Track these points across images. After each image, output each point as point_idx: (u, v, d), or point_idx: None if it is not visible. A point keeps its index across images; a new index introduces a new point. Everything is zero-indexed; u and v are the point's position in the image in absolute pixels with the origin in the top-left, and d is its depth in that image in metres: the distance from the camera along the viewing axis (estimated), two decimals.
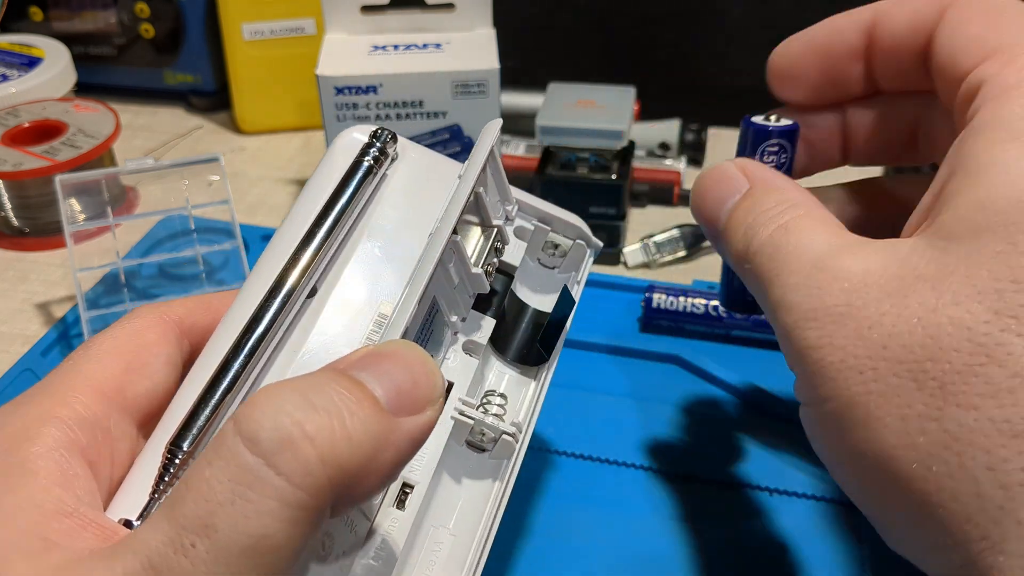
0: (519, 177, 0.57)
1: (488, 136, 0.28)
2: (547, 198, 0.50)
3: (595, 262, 0.51)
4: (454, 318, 0.28)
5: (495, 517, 0.26)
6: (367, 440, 0.18)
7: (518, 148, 0.59)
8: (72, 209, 0.53)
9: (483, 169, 0.27)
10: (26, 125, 0.54)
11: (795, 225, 0.24)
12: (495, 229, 0.28)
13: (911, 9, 0.27)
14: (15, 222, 0.54)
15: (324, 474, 0.18)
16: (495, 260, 0.29)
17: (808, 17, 0.62)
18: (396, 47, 0.50)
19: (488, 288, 0.28)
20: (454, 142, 0.50)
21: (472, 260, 0.27)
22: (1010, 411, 0.19)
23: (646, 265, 0.51)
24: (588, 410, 0.40)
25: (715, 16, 0.62)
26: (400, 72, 0.48)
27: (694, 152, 0.60)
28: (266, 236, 0.51)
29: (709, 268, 0.51)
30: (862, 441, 0.21)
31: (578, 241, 0.32)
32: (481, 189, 0.27)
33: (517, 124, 0.60)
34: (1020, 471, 0.19)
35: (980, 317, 0.20)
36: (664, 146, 0.60)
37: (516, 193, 0.30)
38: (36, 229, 0.54)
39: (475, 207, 0.28)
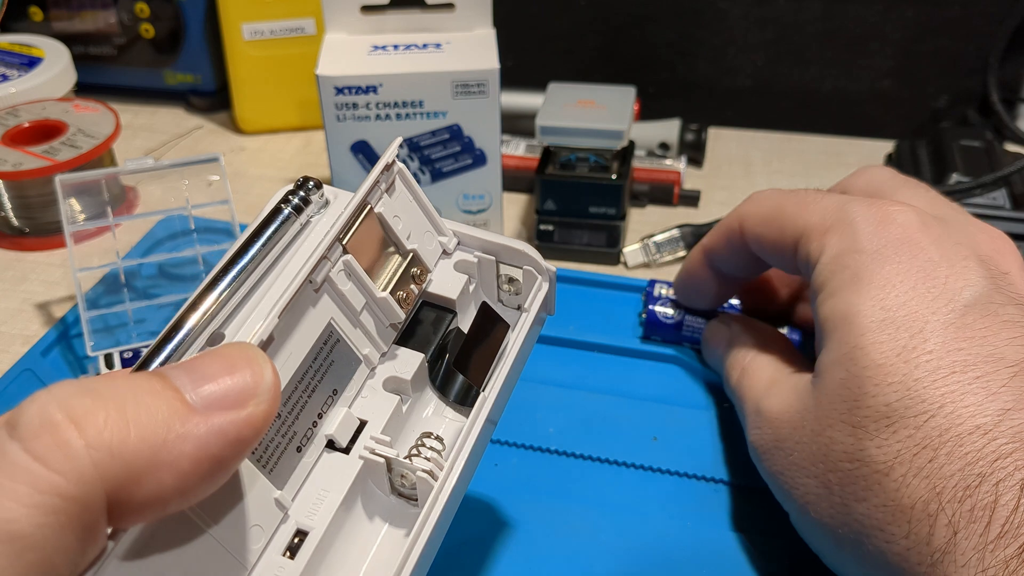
0: (519, 177, 0.57)
1: (385, 154, 0.26)
2: (547, 198, 0.51)
3: (595, 262, 0.51)
4: (367, 350, 0.26)
5: (406, 572, 0.22)
6: (152, 428, 0.17)
7: (518, 148, 0.59)
8: (72, 209, 0.53)
9: (382, 188, 0.26)
10: (26, 125, 0.54)
11: (749, 368, 0.34)
12: (410, 255, 0.27)
13: (725, 234, 0.36)
14: (15, 222, 0.54)
15: (89, 459, 0.16)
16: (413, 288, 0.27)
17: (806, 18, 0.63)
18: (396, 47, 0.50)
19: (401, 315, 0.26)
20: (454, 142, 0.50)
21: (381, 285, 0.26)
22: (884, 497, 0.24)
23: (646, 265, 0.51)
24: (588, 410, 0.40)
25: (715, 16, 0.62)
26: (400, 72, 0.48)
27: (694, 152, 0.60)
28: None
29: None
30: (805, 528, 0.30)
31: (526, 268, 0.29)
32: (383, 210, 0.26)
33: (517, 124, 0.60)
34: (904, 539, 0.24)
35: (845, 433, 0.26)
36: (664, 146, 0.60)
37: (456, 226, 0.29)
38: (36, 229, 0.54)
39: (383, 233, 0.26)
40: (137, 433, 0.17)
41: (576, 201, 0.50)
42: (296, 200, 0.25)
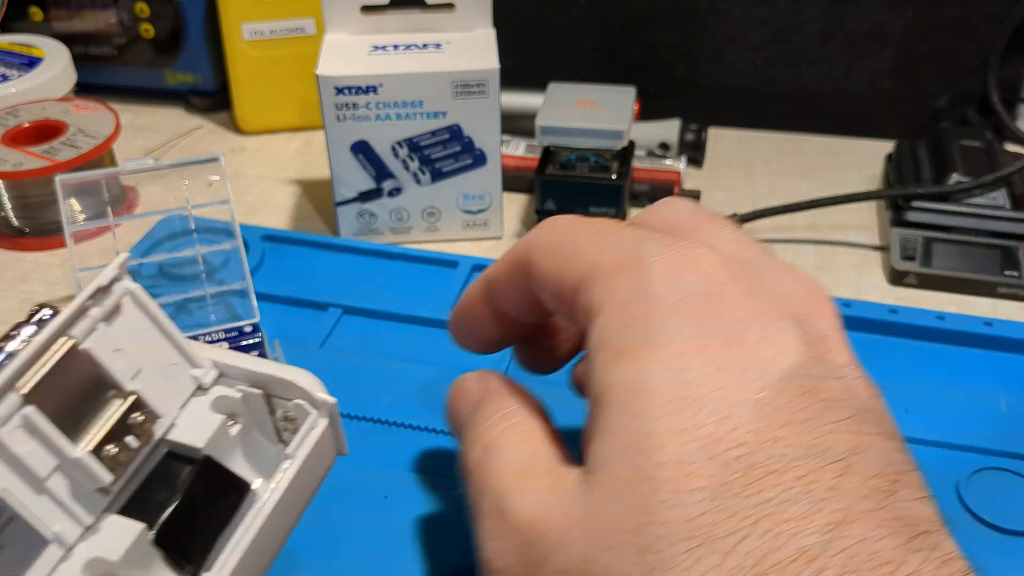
0: (519, 177, 0.57)
1: (103, 274, 0.21)
2: (547, 198, 0.51)
3: None
4: (59, 526, 0.20)
5: None
6: None
7: (518, 148, 0.59)
8: (72, 209, 0.53)
9: (95, 317, 0.21)
10: (26, 125, 0.54)
11: (496, 446, 0.24)
12: (131, 398, 0.22)
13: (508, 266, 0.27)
14: (15, 222, 0.54)
15: None
16: (131, 440, 0.22)
17: (806, 18, 0.63)
18: (396, 47, 0.50)
19: (105, 479, 0.21)
20: (454, 142, 0.50)
21: (85, 441, 0.21)
22: None
23: None
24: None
25: (715, 16, 0.62)
26: (400, 72, 0.48)
27: (694, 152, 0.60)
28: (266, 236, 0.51)
29: None
30: None
31: (297, 402, 0.24)
32: (93, 345, 0.21)
33: (517, 124, 0.60)
34: None
35: (629, 560, 0.18)
36: (664, 146, 0.60)
37: (217, 353, 0.24)
38: (36, 229, 0.54)
39: (97, 372, 0.21)
40: None
41: (576, 201, 0.50)
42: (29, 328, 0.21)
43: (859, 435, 0.19)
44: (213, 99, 0.68)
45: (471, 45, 0.50)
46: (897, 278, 0.49)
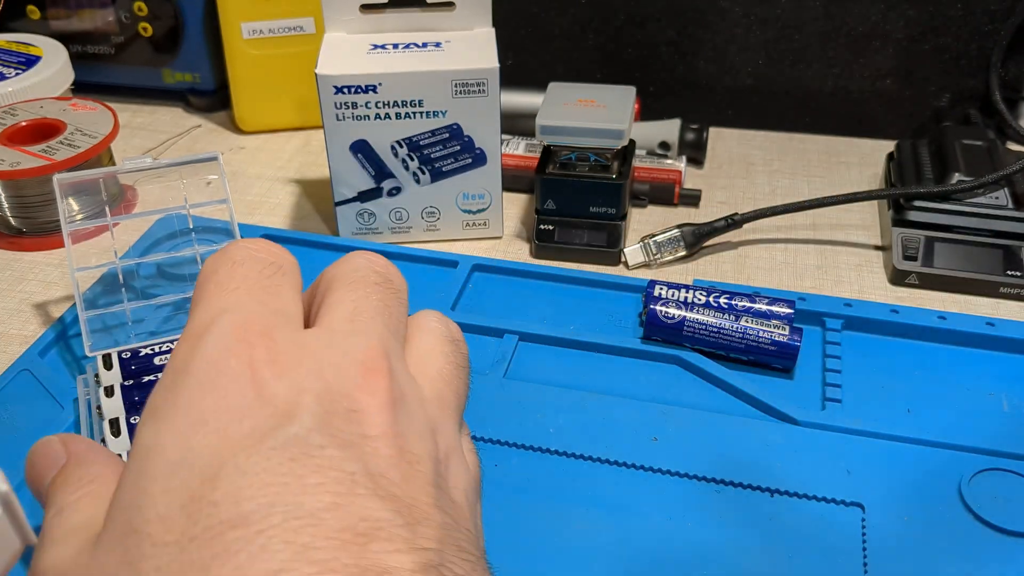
0: (519, 177, 0.57)
1: None
2: (547, 197, 0.50)
3: (595, 262, 0.51)
4: None
5: None
6: None
7: (518, 147, 0.59)
8: (70, 208, 0.52)
9: None
10: (23, 124, 0.54)
11: (62, 512, 0.24)
12: None
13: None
14: (12, 221, 0.54)
15: None
16: None
17: (807, 16, 0.62)
18: (396, 46, 0.50)
19: None
20: (454, 141, 0.50)
21: None
22: None
23: (646, 265, 0.51)
24: (588, 410, 0.40)
25: (716, 15, 0.62)
26: (400, 71, 0.47)
27: (695, 152, 0.60)
28: (265, 235, 0.51)
29: (709, 268, 0.51)
30: None
31: None
32: None
33: (517, 124, 0.60)
34: None
35: None
36: (664, 145, 0.59)
37: None
38: (33, 228, 0.54)
39: None
40: None
41: (576, 200, 0.50)
42: None
43: (339, 495, 0.20)
44: (212, 98, 0.68)
45: (471, 44, 0.50)
46: (899, 278, 0.49)
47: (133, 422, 0.37)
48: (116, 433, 0.37)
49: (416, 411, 0.23)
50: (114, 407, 0.38)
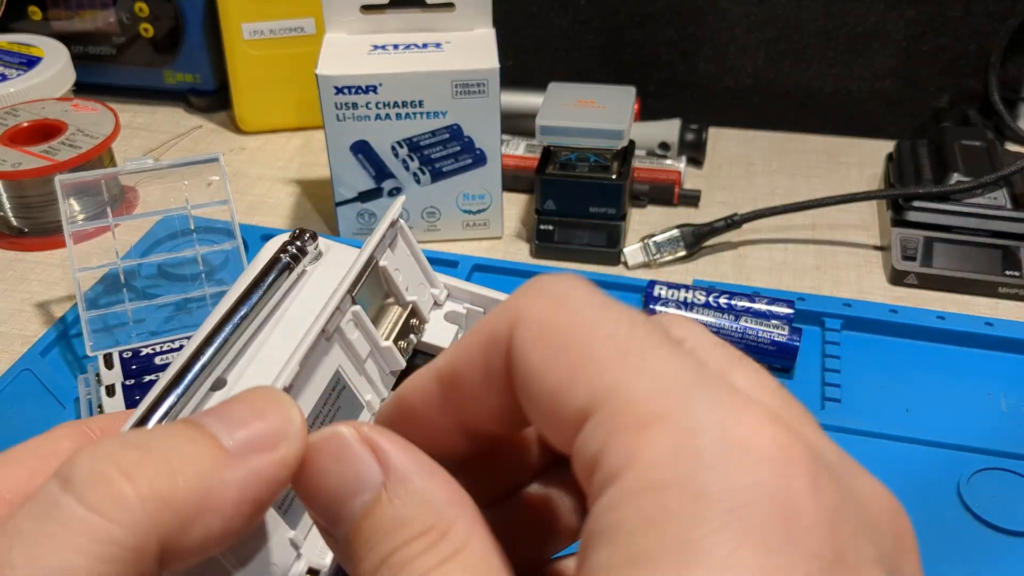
0: (519, 177, 0.57)
1: (391, 211, 0.27)
2: (547, 198, 0.51)
3: (595, 262, 0.51)
4: (368, 396, 0.27)
5: None
6: (198, 476, 0.17)
7: (518, 148, 0.59)
8: (72, 209, 0.53)
9: (387, 243, 0.27)
10: (25, 125, 0.54)
11: None
12: (409, 306, 0.28)
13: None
14: (14, 222, 0.54)
15: (143, 509, 0.16)
16: (412, 337, 0.28)
17: (807, 17, 0.62)
18: (396, 47, 0.50)
19: (403, 363, 0.27)
20: (454, 142, 0.50)
21: (383, 334, 0.27)
22: None
23: (646, 265, 0.51)
24: None
25: (716, 16, 0.62)
26: (400, 72, 0.47)
27: (694, 152, 0.60)
28: (266, 236, 0.51)
29: (709, 268, 0.51)
30: None
31: None
32: (386, 264, 0.27)
33: (517, 124, 0.60)
34: None
35: None
36: (664, 146, 0.60)
37: (448, 279, 0.30)
38: (35, 229, 0.54)
39: (385, 285, 0.28)
40: (185, 482, 0.17)
41: (576, 201, 0.50)
42: (293, 250, 0.26)
43: None
44: (213, 99, 0.68)
45: (471, 45, 0.50)
46: (898, 278, 0.49)
47: None
48: None
49: None
50: (115, 406, 0.38)
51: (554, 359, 0.16)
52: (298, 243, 0.27)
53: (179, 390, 0.22)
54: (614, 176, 0.49)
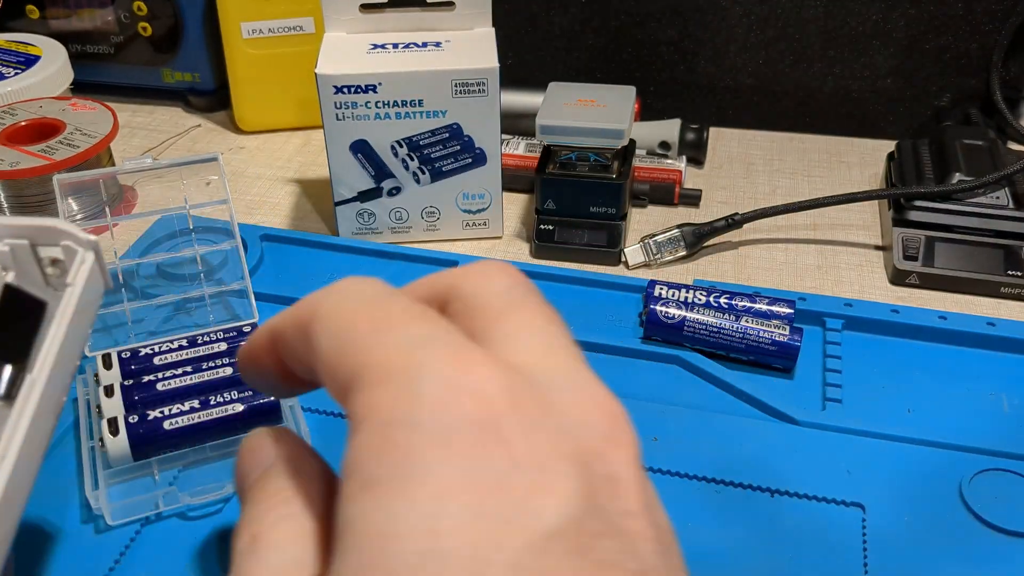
0: (519, 176, 0.57)
1: None
2: (547, 197, 0.50)
3: (595, 262, 0.51)
4: None
5: None
6: None
7: (518, 147, 0.58)
8: (70, 208, 0.52)
9: None
10: (23, 124, 0.54)
11: (263, 542, 0.20)
12: None
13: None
14: None
15: None
16: None
17: (807, 16, 0.62)
18: (395, 46, 0.49)
19: None
20: (454, 141, 0.50)
21: None
22: None
23: (646, 265, 0.51)
24: None
25: (716, 15, 0.62)
26: (399, 71, 0.47)
27: (695, 151, 0.60)
28: (265, 235, 0.51)
29: (709, 268, 0.51)
30: None
31: (64, 244, 0.29)
32: None
33: (517, 124, 0.60)
34: None
35: None
36: (665, 145, 0.59)
37: None
38: None
39: None
40: None
41: (576, 200, 0.50)
42: None
43: None
44: (212, 98, 0.68)
45: (471, 44, 0.50)
46: (899, 278, 0.49)
47: (132, 421, 0.37)
48: (114, 432, 0.37)
49: (640, 459, 0.20)
50: (113, 406, 0.38)
51: (331, 343, 0.20)
52: None
53: None
54: (614, 176, 0.49)
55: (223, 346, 0.41)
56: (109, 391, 0.39)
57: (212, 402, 0.38)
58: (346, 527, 0.17)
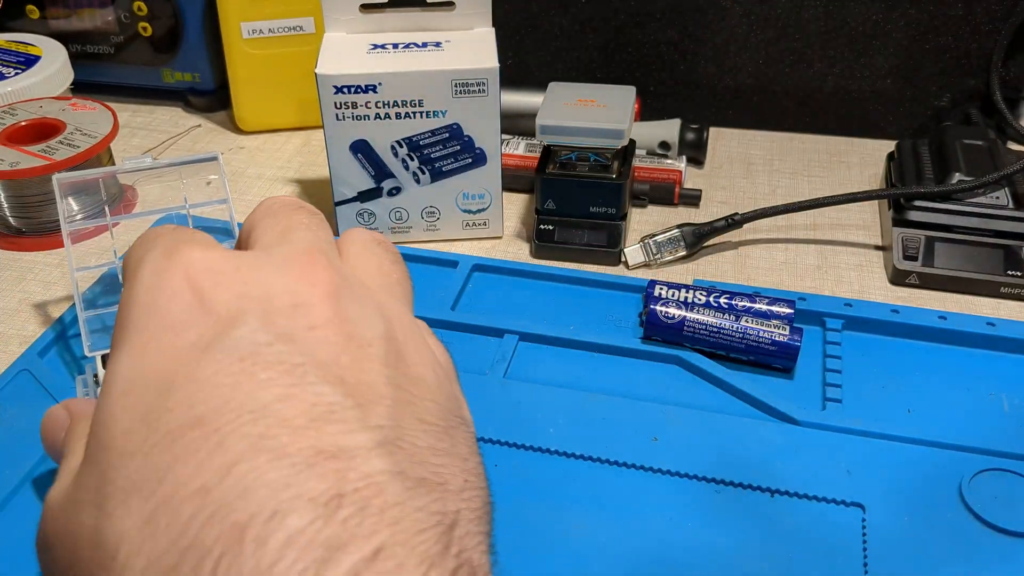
0: (519, 176, 0.57)
1: None
2: (547, 197, 0.50)
3: (595, 262, 0.51)
4: None
5: None
6: None
7: (518, 147, 0.58)
8: (70, 208, 0.52)
9: None
10: (23, 124, 0.54)
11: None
12: None
13: None
14: (12, 221, 0.54)
15: None
16: None
17: (807, 16, 0.62)
18: (395, 46, 0.49)
19: None
20: (454, 141, 0.50)
21: None
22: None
23: (646, 265, 0.51)
24: (588, 410, 0.40)
25: (716, 15, 0.62)
26: (399, 71, 0.47)
27: (695, 152, 0.60)
28: None
29: (709, 268, 0.51)
30: None
31: None
32: None
33: (517, 124, 0.60)
34: None
35: (91, 516, 0.22)
36: (665, 145, 0.59)
37: None
38: (33, 228, 0.54)
39: None
40: None
41: (576, 200, 0.50)
42: None
43: (289, 387, 0.21)
44: (212, 98, 0.68)
45: (471, 44, 0.50)
46: (899, 278, 0.49)
47: None
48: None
49: (361, 296, 0.24)
50: None
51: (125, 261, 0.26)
52: None
53: None
54: (614, 176, 0.49)
55: None
56: (106, 361, 0.39)
57: None
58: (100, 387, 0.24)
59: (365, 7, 0.50)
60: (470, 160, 0.50)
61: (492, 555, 0.22)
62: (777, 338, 0.42)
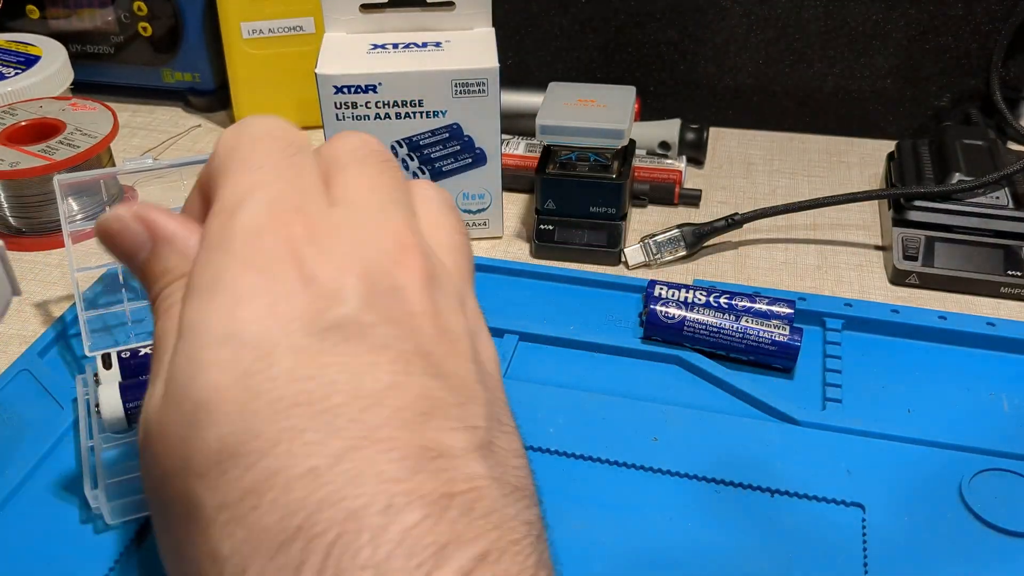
0: (519, 176, 0.57)
1: None
2: (547, 197, 0.50)
3: (595, 262, 0.51)
4: None
5: None
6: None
7: (518, 147, 0.58)
8: (70, 208, 0.52)
9: None
10: (23, 124, 0.54)
11: (172, 312, 0.24)
12: None
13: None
14: (12, 221, 0.54)
15: None
16: None
17: (807, 16, 0.62)
18: (395, 46, 0.49)
19: None
20: (454, 141, 0.50)
21: None
22: (207, 548, 0.20)
23: (646, 265, 0.51)
24: (588, 410, 0.40)
25: (716, 15, 0.62)
26: (399, 71, 0.47)
27: (695, 151, 0.60)
28: None
29: (709, 268, 0.51)
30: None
31: None
32: None
33: (517, 124, 0.60)
34: None
35: (177, 465, 0.21)
36: (665, 145, 0.59)
37: None
38: (33, 228, 0.54)
39: None
40: None
41: (576, 200, 0.50)
42: None
43: (397, 375, 0.21)
44: (212, 98, 0.68)
45: (471, 44, 0.50)
46: (899, 278, 0.49)
47: (131, 423, 0.37)
48: (107, 366, 0.37)
49: (447, 286, 0.24)
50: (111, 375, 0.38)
51: (207, 170, 0.25)
52: None
53: None
54: (614, 176, 0.49)
55: None
56: (106, 361, 0.39)
57: None
58: (181, 323, 0.22)
59: (365, 7, 0.50)
60: (470, 160, 0.50)
61: (558, 566, 0.23)
62: (777, 338, 0.42)
